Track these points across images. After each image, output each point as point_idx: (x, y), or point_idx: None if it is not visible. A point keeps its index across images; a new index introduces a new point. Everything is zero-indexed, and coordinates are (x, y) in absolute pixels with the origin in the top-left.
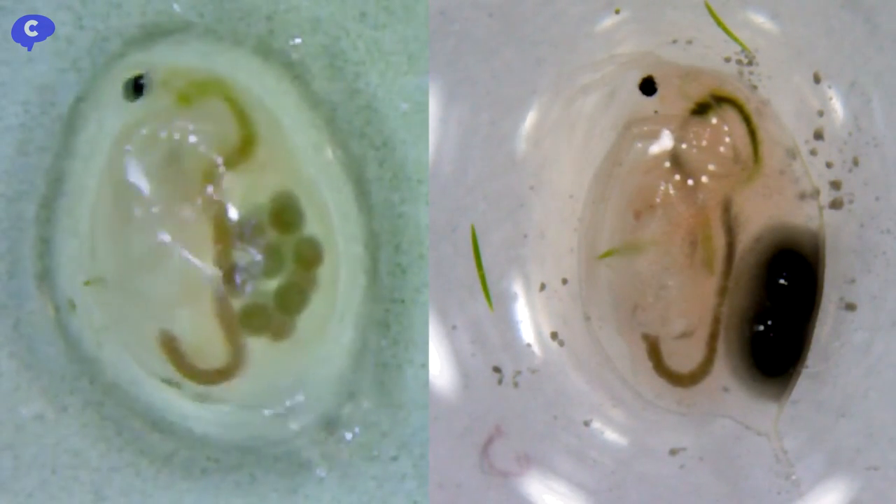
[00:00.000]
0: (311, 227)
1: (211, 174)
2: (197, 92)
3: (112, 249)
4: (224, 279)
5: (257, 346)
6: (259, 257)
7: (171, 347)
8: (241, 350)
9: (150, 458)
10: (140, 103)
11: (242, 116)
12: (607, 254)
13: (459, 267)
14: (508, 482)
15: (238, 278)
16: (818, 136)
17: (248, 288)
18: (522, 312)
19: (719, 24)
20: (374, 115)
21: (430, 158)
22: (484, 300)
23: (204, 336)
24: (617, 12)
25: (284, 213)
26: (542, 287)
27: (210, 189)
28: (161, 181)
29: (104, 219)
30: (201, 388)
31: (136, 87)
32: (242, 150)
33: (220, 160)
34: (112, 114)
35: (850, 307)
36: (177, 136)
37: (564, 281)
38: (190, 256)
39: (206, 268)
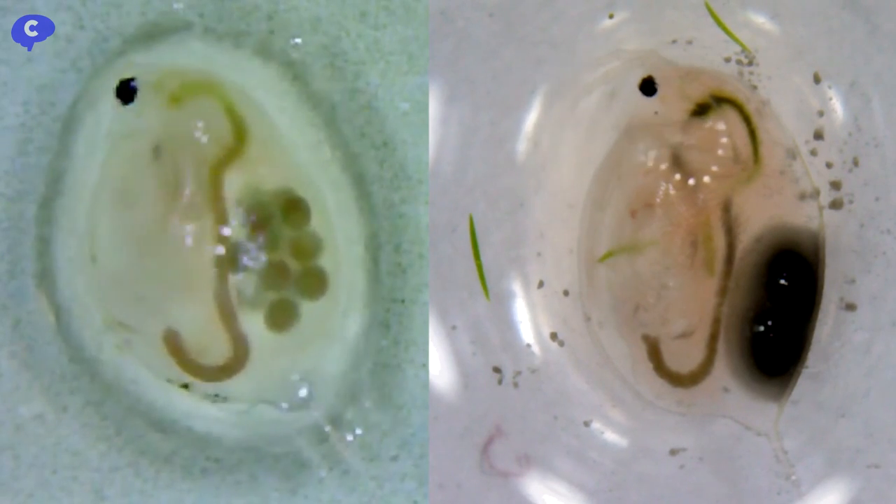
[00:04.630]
0: (312, 222)
1: (206, 172)
2: (188, 92)
3: (111, 251)
4: (223, 275)
5: (262, 342)
6: (257, 253)
7: (174, 346)
8: (243, 345)
9: (150, 458)
10: (132, 104)
11: (233, 114)
12: (606, 255)
13: (459, 267)
14: (508, 482)
15: (238, 274)
16: (818, 136)
17: (249, 284)
18: (522, 312)
19: (719, 24)
20: (374, 115)
21: (430, 158)
22: (484, 300)
23: (207, 333)
24: (611, 17)
25: (286, 208)
26: (541, 284)
27: (206, 186)
28: (156, 180)
29: (102, 219)
30: (210, 387)
31: (128, 90)
32: (236, 146)
33: (214, 158)
34: (107, 114)
35: (850, 307)
36: (171, 135)
37: (565, 291)
38: (188, 254)
39: (206, 264)
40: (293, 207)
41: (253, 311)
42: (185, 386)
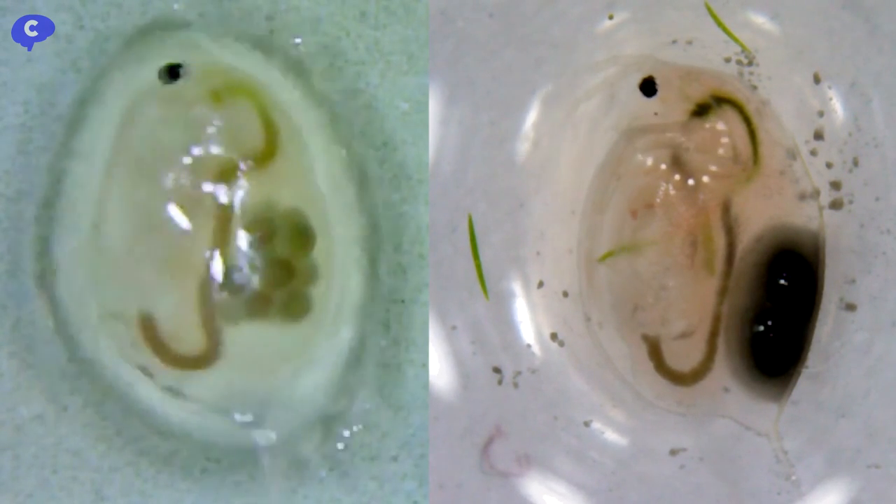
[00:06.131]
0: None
1: (227, 174)
2: (230, 92)
3: (119, 216)
4: (217, 276)
5: (236, 351)
6: (257, 260)
7: (149, 329)
8: (217, 341)
9: (150, 458)
10: (172, 90)
11: (269, 124)
12: (607, 255)
13: (459, 267)
14: (508, 482)
15: (233, 276)
16: (818, 136)
17: (241, 288)
18: (522, 312)
19: (719, 24)
20: (374, 115)
21: (430, 158)
22: (484, 300)
23: (182, 323)
24: (610, 18)
25: (293, 231)
26: (541, 284)
27: (224, 187)
28: (175, 170)
29: (114, 198)
30: (171, 380)
31: (173, 74)
32: (264, 156)
33: (240, 162)
34: (144, 92)
35: (850, 307)
36: (201, 130)
37: (565, 293)
38: (188, 242)
39: (200, 258)
40: (300, 234)
41: (235, 324)
42: (149, 374)
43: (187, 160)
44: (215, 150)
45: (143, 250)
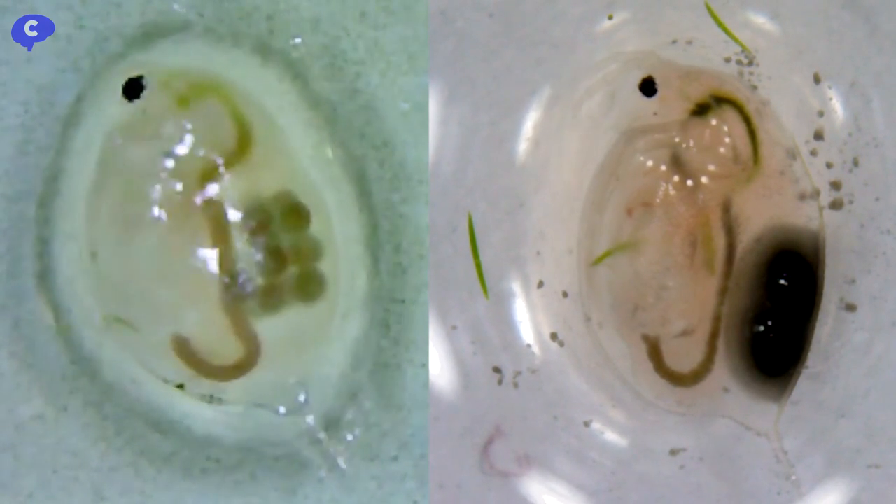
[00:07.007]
0: (312, 225)
1: (209, 174)
2: (194, 94)
3: (113, 253)
4: (227, 277)
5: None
6: (259, 256)
7: (185, 351)
8: (255, 342)
9: (150, 458)
10: (137, 104)
11: (239, 117)
12: (603, 256)
13: (459, 267)
14: (508, 482)
15: (240, 276)
16: (818, 136)
17: (250, 286)
18: (522, 312)
19: (719, 24)
20: (374, 115)
21: (430, 158)
22: (484, 300)
23: (215, 334)
24: (610, 18)
25: (286, 212)
26: (541, 284)
27: (209, 189)
28: (159, 182)
29: (103, 221)
30: (206, 388)
31: (135, 88)
32: (239, 150)
33: (218, 160)
34: (110, 115)
35: (850, 307)
36: (175, 137)
37: (564, 293)
38: (192, 257)
39: (209, 267)
40: (293, 212)
41: (253, 316)
42: (181, 386)
43: (169, 173)
44: (193, 154)
45: (149, 272)
